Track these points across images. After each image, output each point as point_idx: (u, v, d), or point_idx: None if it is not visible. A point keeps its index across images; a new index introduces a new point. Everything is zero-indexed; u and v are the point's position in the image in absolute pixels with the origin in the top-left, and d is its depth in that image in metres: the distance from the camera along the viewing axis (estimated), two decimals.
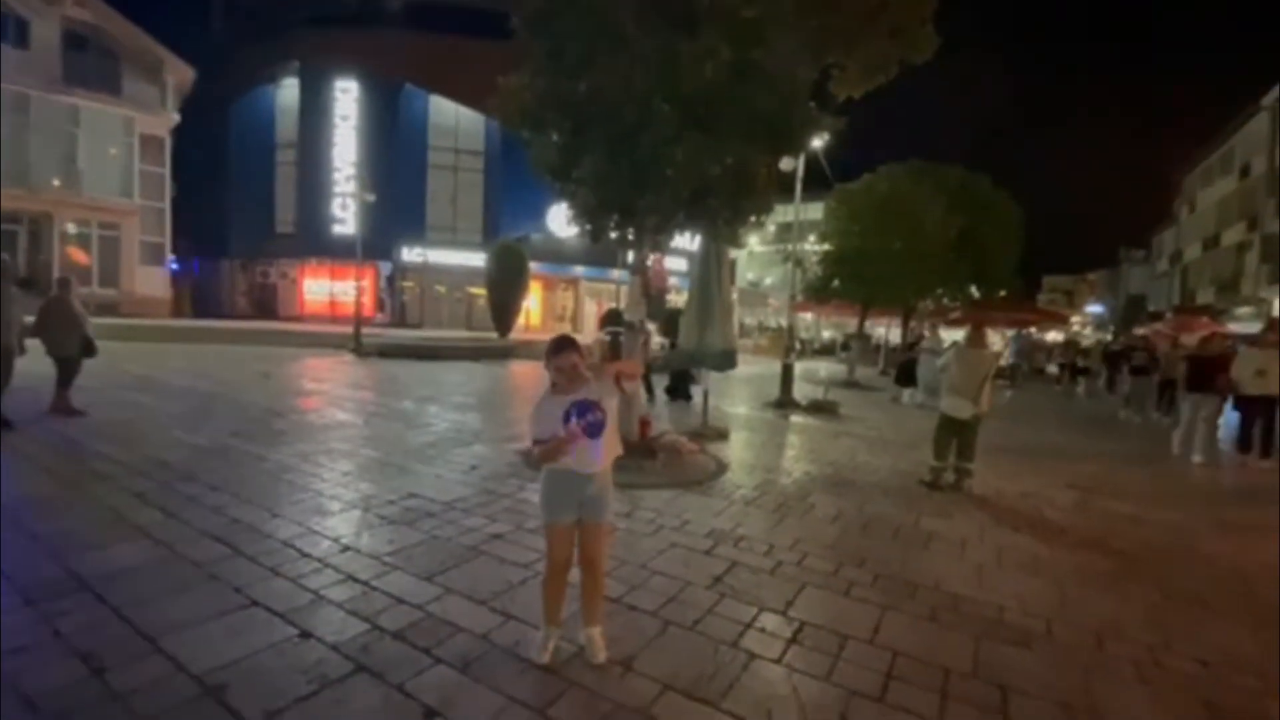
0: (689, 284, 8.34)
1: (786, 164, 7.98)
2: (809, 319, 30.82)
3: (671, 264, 24.47)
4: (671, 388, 10.58)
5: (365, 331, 16.76)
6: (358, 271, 18.69)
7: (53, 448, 5.44)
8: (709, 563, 3.69)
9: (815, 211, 20.16)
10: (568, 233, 20.03)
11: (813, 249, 19.38)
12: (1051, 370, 21.91)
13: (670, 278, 25.26)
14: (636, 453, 5.61)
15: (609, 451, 2.52)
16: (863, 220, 16.08)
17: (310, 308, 27.38)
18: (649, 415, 6.82)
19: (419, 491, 4.73)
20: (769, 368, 14.69)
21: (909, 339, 18.70)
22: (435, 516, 4.20)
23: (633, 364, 3.28)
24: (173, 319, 21.10)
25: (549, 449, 2.43)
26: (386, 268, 26.67)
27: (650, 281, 12.55)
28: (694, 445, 6.43)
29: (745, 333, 29.78)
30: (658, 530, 4.19)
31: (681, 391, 10.49)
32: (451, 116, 27.29)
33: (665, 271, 23.79)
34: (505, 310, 21.59)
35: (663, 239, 6.66)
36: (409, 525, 4.02)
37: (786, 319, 16.28)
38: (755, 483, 5.64)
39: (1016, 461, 7.23)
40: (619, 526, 4.09)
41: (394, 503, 4.45)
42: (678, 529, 4.23)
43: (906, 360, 13.16)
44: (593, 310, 26.29)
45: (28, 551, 3.34)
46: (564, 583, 2.59)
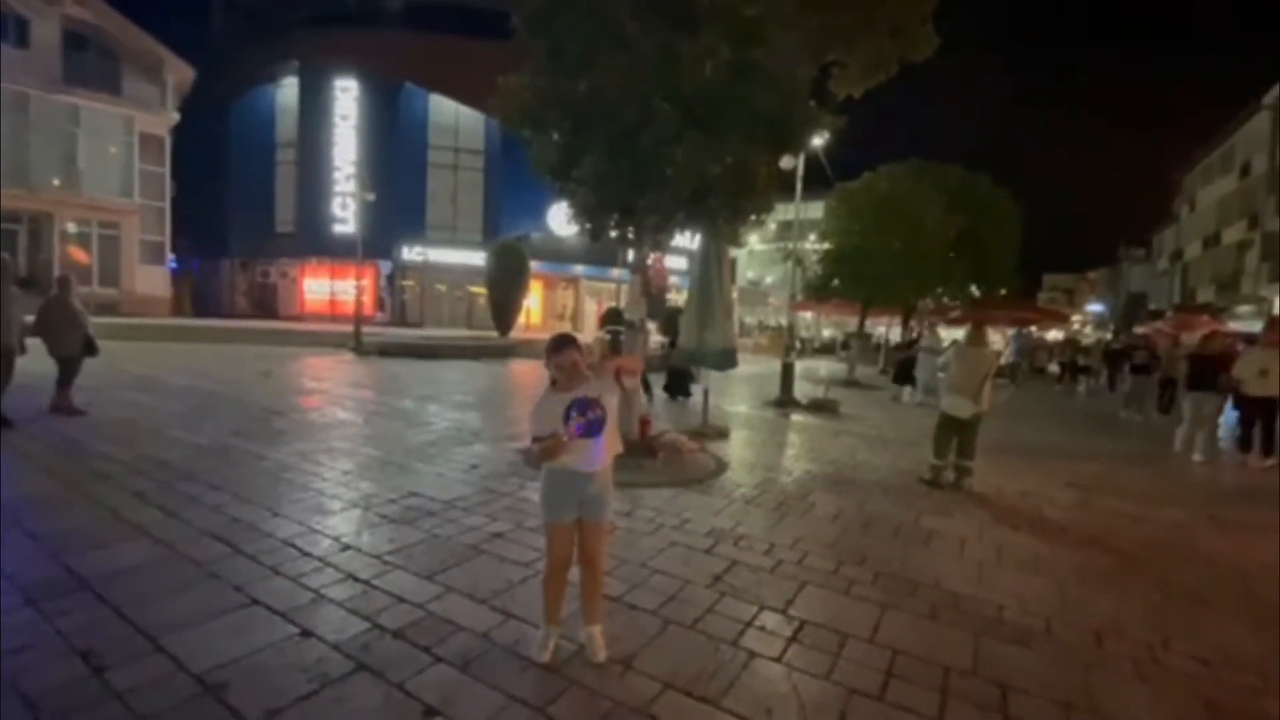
0: (689, 283, 8.33)
1: (787, 163, 7.96)
2: (809, 318, 30.83)
3: (671, 263, 24.47)
4: (669, 385, 10.58)
5: (365, 330, 16.76)
6: (358, 271, 18.68)
7: (53, 447, 5.44)
8: (709, 561, 3.69)
9: (815, 210, 20.12)
10: (568, 232, 20.08)
11: (813, 248, 19.38)
12: (1052, 369, 21.90)
13: (670, 276, 25.28)
14: (637, 451, 5.62)
15: (609, 450, 2.52)
16: (863, 219, 16.07)
17: (310, 307, 27.40)
18: (649, 414, 6.82)
19: (419, 490, 4.74)
20: (769, 366, 14.69)
21: (906, 338, 18.69)
22: (436, 515, 4.21)
23: (632, 360, 3.28)
24: (173, 318, 21.10)
25: (548, 447, 2.43)
26: (387, 267, 26.65)
27: (650, 280, 12.52)
28: (694, 444, 6.44)
29: (745, 331, 29.77)
30: (658, 529, 4.19)
31: (680, 389, 10.50)
32: (451, 115, 27.25)
33: (665, 270, 23.81)
34: (505, 309, 21.61)
35: (663, 238, 6.66)
36: (409, 524, 4.02)
37: (786, 318, 16.29)
38: (755, 481, 5.64)
39: (1017, 460, 7.23)
40: (619, 525, 4.10)
41: (394, 501, 4.45)
42: (678, 528, 4.23)
43: (904, 359, 13.18)
44: (593, 309, 26.30)
45: (28, 550, 3.34)
46: (564, 581, 2.60)
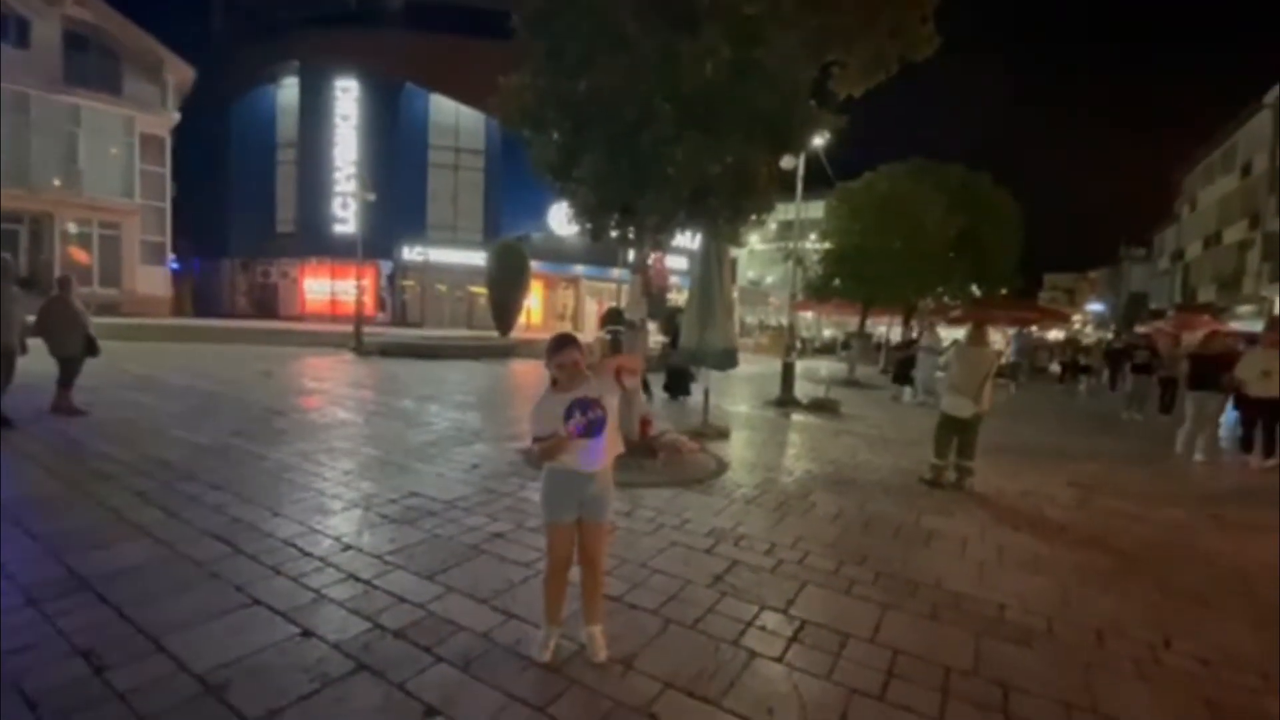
0: (689, 283, 8.33)
1: (787, 162, 7.96)
2: (810, 318, 30.80)
3: (672, 263, 24.49)
4: (670, 385, 10.58)
5: (366, 330, 16.76)
6: (358, 271, 18.67)
7: (54, 447, 5.44)
8: (709, 561, 3.69)
9: (816, 210, 20.13)
10: (568, 231, 20.10)
11: (813, 247, 19.39)
12: (1053, 369, 21.88)
13: (671, 276, 25.30)
14: (637, 451, 5.61)
15: (610, 450, 2.52)
16: (864, 219, 16.09)
17: (311, 307, 27.38)
18: (649, 414, 6.82)
19: (420, 490, 4.74)
20: (770, 366, 14.69)
21: (905, 338, 18.70)
22: (436, 515, 4.21)
23: (633, 358, 3.28)
24: (173, 318, 21.11)
25: (549, 446, 2.43)
26: (387, 267, 26.64)
27: (651, 280, 12.54)
28: (694, 444, 6.43)
29: (746, 331, 29.76)
30: (658, 529, 4.19)
31: (680, 389, 10.50)
32: (452, 115, 27.24)
33: (666, 270, 23.84)
34: (506, 309, 21.61)
35: (663, 238, 6.66)
36: (410, 524, 4.02)
37: (787, 317, 16.28)
38: (756, 481, 5.64)
39: (1017, 460, 7.23)
40: (619, 525, 4.10)
41: (395, 501, 4.45)
42: (678, 527, 4.23)
43: (904, 359, 13.18)
44: (593, 309, 26.31)
45: (29, 551, 3.34)
46: (565, 581, 2.60)
